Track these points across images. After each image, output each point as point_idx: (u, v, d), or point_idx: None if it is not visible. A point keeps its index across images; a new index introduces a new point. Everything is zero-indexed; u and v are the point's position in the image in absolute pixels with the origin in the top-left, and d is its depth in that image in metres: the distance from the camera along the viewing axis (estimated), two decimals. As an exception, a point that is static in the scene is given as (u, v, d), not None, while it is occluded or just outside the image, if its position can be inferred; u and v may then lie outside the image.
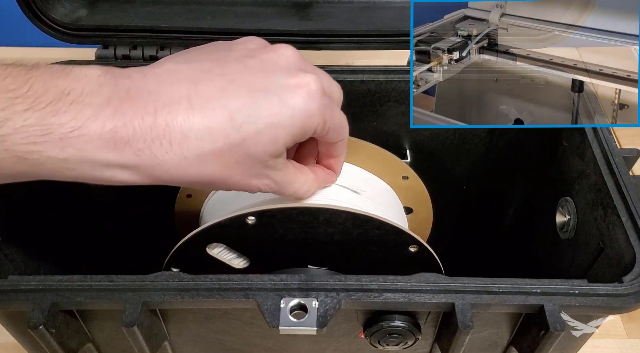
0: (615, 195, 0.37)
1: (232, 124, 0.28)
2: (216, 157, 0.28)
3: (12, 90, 0.25)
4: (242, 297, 0.32)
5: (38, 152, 0.26)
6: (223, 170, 0.29)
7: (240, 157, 0.29)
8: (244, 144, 0.29)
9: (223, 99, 0.29)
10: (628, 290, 0.32)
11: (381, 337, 0.34)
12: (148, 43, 0.49)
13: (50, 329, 0.31)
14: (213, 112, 0.28)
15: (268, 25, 0.49)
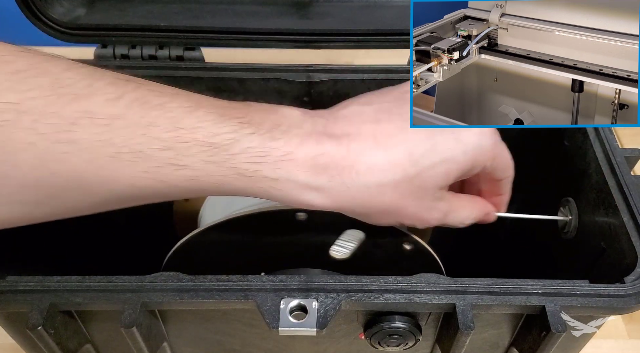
0: (617, 195, 0.37)
1: (410, 159, 0.31)
2: (394, 188, 0.31)
3: (239, 117, 0.29)
4: (242, 298, 0.32)
5: (256, 171, 0.29)
6: (399, 200, 0.32)
7: (415, 189, 0.32)
8: (419, 176, 0.31)
9: (403, 136, 0.31)
10: (629, 291, 0.32)
11: (381, 338, 0.34)
12: (147, 42, 0.49)
13: (48, 330, 0.31)
14: (394, 148, 0.31)
15: (268, 24, 0.49)
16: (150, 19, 0.49)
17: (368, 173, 0.31)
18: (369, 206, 0.32)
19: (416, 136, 0.32)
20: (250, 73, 0.48)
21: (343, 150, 0.31)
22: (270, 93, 0.48)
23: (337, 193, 0.31)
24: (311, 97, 0.48)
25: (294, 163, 0.30)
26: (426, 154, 0.31)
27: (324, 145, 0.30)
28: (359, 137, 0.31)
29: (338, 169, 0.30)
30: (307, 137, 0.30)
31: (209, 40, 0.49)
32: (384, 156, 0.31)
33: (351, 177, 0.31)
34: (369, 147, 0.31)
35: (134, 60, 0.49)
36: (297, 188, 0.30)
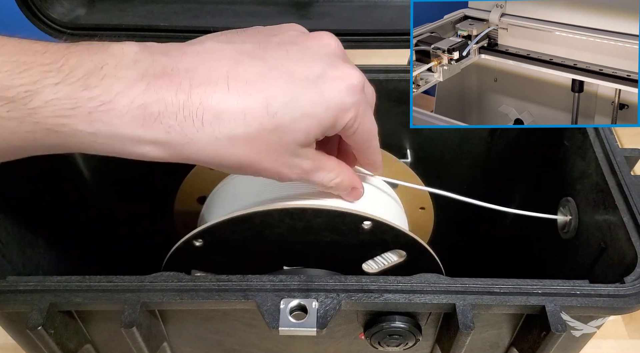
0: (617, 195, 0.37)
1: (267, 110, 0.28)
2: (247, 141, 0.28)
3: (47, 64, 0.26)
4: (242, 298, 0.32)
5: (67, 125, 0.26)
6: (253, 155, 0.29)
7: (272, 144, 0.29)
8: (277, 131, 0.29)
9: (262, 84, 0.28)
10: (629, 291, 0.32)
11: (381, 338, 0.34)
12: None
13: (49, 330, 0.31)
14: (250, 96, 0.28)
15: (268, 24, 0.49)
16: (150, 19, 0.49)
17: (216, 122, 0.27)
18: (219, 159, 0.29)
19: (277, 86, 0.28)
20: (250, 73, 0.48)
21: (183, 95, 0.27)
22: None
23: (178, 146, 0.28)
24: (311, 97, 0.48)
25: (114, 113, 0.26)
26: (286, 106, 0.28)
27: (158, 91, 0.27)
28: (207, 79, 0.28)
29: (177, 119, 0.27)
30: (136, 82, 0.27)
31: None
32: (236, 104, 0.28)
33: (195, 127, 0.27)
34: (218, 92, 0.27)
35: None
36: (125, 142, 0.27)
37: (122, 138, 0.27)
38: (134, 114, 0.26)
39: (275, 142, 0.29)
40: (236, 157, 0.29)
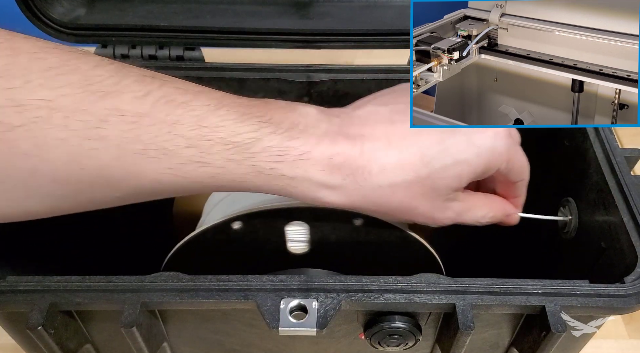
0: (617, 195, 0.37)
1: (422, 160, 0.32)
2: (405, 188, 0.32)
3: (260, 116, 0.30)
4: (242, 298, 0.32)
5: (275, 169, 0.30)
6: (410, 200, 0.32)
7: (426, 190, 0.32)
8: (431, 177, 0.32)
9: (416, 137, 0.32)
10: (630, 291, 0.32)
11: (382, 338, 0.34)
12: (147, 42, 0.49)
13: (49, 330, 0.31)
14: (407, 148, 0.32)
15: (268, 24, 0.49)
16: (150, 19, 0.49)
17: (380, 173, 0.31)
18: (381, 205, 0.32)
19: (429, 138, 0.32)
20: (250, 73, 0.48)
21: (357, 150, 0.31)
22: (270, 93, 0.48)
23: (350, 192, 0.31)
24: (311, 97, 0.48)
25: (311, 162, 0.30)
26: (438, 155, 0.32)
27: (339, 145, 0.31)
28: (372, 137, 0.32)
29: (352, 169, 0.31)
30: (323, 137, 0.31)
31: (209, 40, 0.49)
32: (396, 157, 0.31)
33: (364, 176, 0.31)
34: (382, 148, 0.31)
35: (134, 60, 0.49)
36: (313, 186, 0.31)
37: (312, 183, 0.31)
38: (324, 163, 0.31)
39: (429, 188, 0.32)
40: (395, 203, 0.32)
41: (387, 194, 0.32)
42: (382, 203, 0.32)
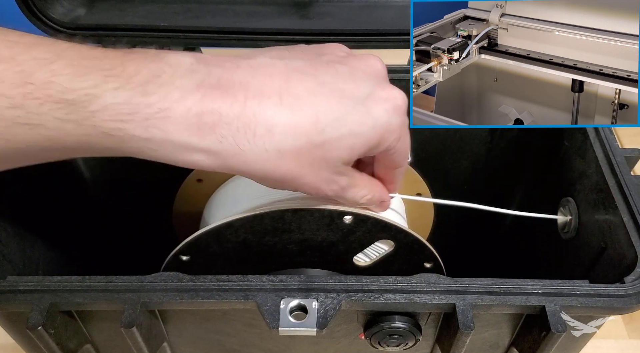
0: (617, 195, 0.37)
1: (316, 126, 0.29)
2: (295, 155, 0.29)
3: (107, 69, 0.26)
4: (242, 298, 0.32)
5: (123, 129, 0.26)
6: (298, 168, 0.29)
7: (316, 159, 0.29)
8: (323, 146, 0.29)
9: (312, 99, 0.29)
10: (629, 291, 0.32)
11: (381, 338, 0.34)
12: (146, 42, 0.49)
13: (49, 330, 0.31)
14: (301, 110, 0.28)
15: (268, 24, 0.49)
16: (150, 19, 0.49)
17: (266, 135, 0.28)
18: (265, 172, 0.29)
19: (326, 103, 0.29)
20: (250, 73, 0.48)
21: (238, 107, 0.27)
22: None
23: (229, 156, 0.28)
24: (311, 97, 0.48)
25: (170, 121, 0.27)
26: (334, 123, 0.29)
27: (214, 101, 0.27)
28: (261, 93, 0.28)
29: (230, 129, 0.27)
30: (192, 91, 0.27)
31: (209, 40, 0.49)
32: (287, 118, 0.28)
33: (246, 138, 0.28)
34: (271, 105, 0.28)
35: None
36: (178, 149, 0.27)
37: (176, 145, 0.27)
38: (189, 122, 0.27)
39: (320, 157, 0.29)
40: (282, 171, 0.29)
41: (274, 160, 0.28)
42: (266, 171, 0.29)
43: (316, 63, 0.31)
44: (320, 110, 0.29)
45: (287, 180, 0.30)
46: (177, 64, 0.28)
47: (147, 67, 0.27)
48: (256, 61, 0.30)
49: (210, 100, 0.27)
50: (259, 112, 0.28)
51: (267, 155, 0.28)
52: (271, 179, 0.30)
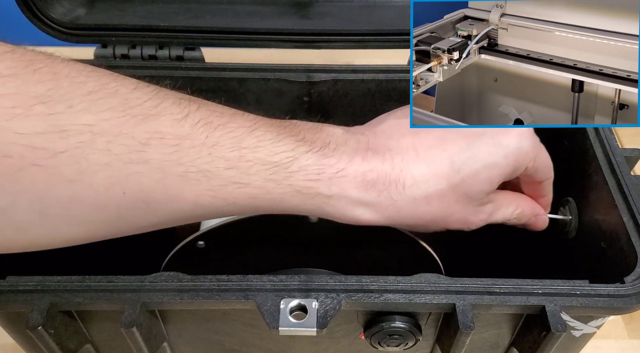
0: (617, 195, 0.37)
1: (452, 167, 0.32)
2: (439, 198, 0.32)
3: (294, 135, 0.30)
4: (242, 298, 0.32)
5: (312, 188, 0.30)
6: (445, 209, 0.32)
7: (460, 196, 0.32)
8: (463, 184, 0.32)
9: (443, 146, 0.32)
10: (630, 291, 0.32)
11: (382, 338, 0.34)
12: (147, 42, 0.49)
13: (49, 330, 0.31)
14: (436, 157, 0.32)
15: (268, 24, 0.49)
16: (150, 19, 0.49)
17: (414, 185, 0.31)
18: (417, 217, 0.32)
19: (455, 144, 0.32)
20: (250, 73, 0.48)
21: (388, 164, 0.31)
22: (270, 93, 0.48)
23: (385, 208, 0.31)
24: (311, 97, 0.48)
25: (347, 179, 0.31)
26: (467, 161, 0.32)
27: (371, 161, 0.31)
28: (400, 150, 0.32)
29: (385, 184, 0.31)
30: (354, 154, 0.31)
31: (209, 40, 0.49)
32: (426, 168, 0.32)
33: (398, 190, 0.31)
34: (411, 160, 0.32)
35: (134, 60, 0.49)
36: (349, 204, 0.31)
37: (348, 200, 0.31)
38: (358, 180, 0.31)
39: (462, 194, 0.32)
40: (431, 213, 0.32)
41: (423, 205, 0.32)
42: (418, 216, 0.32)
43: None
44: (452, 152, 0.32)
45: (437, 221, 0.33)
46: (334, 134, 0.32)
47: (317, 136, 0.31)
48: (386, 125, 0.34)
49: (368, 161, 0.31)
50: (404, 166, 0.31)
51: (416, 202, 0.32)
52: (423, 223, 0.33)
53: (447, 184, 0.32)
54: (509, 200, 0.36)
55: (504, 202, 0.35)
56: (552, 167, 0.36)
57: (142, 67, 0.48)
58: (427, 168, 0.32)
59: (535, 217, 0.38)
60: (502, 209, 0.35)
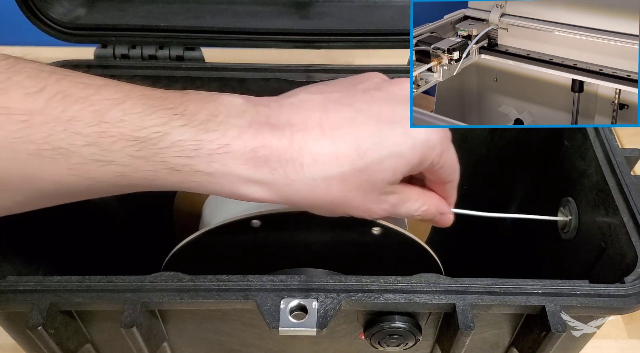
0: (617, 195, 0.37)
1: (357, 151, 0.30)
2: (340, 181, 0.30)
3: (171, 108, 0.28)
4: (242, 298, 0.32)
5: (189, 165, 0.28)
6: (345, 193, 0.31)
7: (362, 183, 0.31)
8: (367, 170, 0.30)
9: (351, 127, 0.31)
10: (629, 291, 0.32)
11: (381, 338, 0.34)
12: (147, 42, 0.49)
13: (49, 330, 0.31)
14: (341, 138, 0.30)
15: (268, 24, 0.49)
16: (150, 19, 0.49)
17: (313, 165, 0.30)
18: (315, 199, 0.31)
19: (364, 129, 0.31)
20: (250, 73, 0.48)
21: (286, 141, 0.29)
22: (270, 93, 0.48)
23: (280, 187, 0.30)
24: (311, 97, 0.48)
25: (230, 156, 0.29)
26: (374, 147, 0.30)
27: (265, 137, 0.29)
28: (304, 127, 0.30)
29: (280, 162, 0.29)
30: (246, 128, 0.29)
31: (209, 40, 0.49)
32: (330, 147, 0.30)
33: (295, 169, 0.30)
34: (314, 138, 0.30)
35: (134, 60, 0.49)
36: (236, 182, 0.29)
37: (234, 178, 0.29)
38: (246, 156, 0.29)
39: (365, 181, 0.31)
40: (330, 197, 0.31)
41: (321, 188, 0.30)
42: (316, 198, 0.31)
43: (352, 92, 0.33)
44: (359, 136, 0.30)
45: (337, 205, 0.31)
46: (229, 104, 0.30)
47: (204, 107, 0.29)
48: (297, 98, 0.32)
49: (262, 136, 0.29)
50: (304, 144, 0.30)
51: (314, 183, 0.30)
52: (322, 206, 0.31)
53: (350, 168, 0.30)
54: (416, 196, 0.35)
55: (410, 197, 0.34)
56: (458, 169, 0.35)
57: (142, 67, 0.48)
58: (330, 148, 0.30)
59: (440, 215, 0.37)
60: (407, 204, 0.34)
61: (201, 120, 0.28)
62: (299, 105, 0.31)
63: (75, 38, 0.49)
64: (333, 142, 0.30)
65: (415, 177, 0.36)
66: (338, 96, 0.32)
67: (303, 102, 0.32)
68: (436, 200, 0.36)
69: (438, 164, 0.33)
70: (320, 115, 0.31)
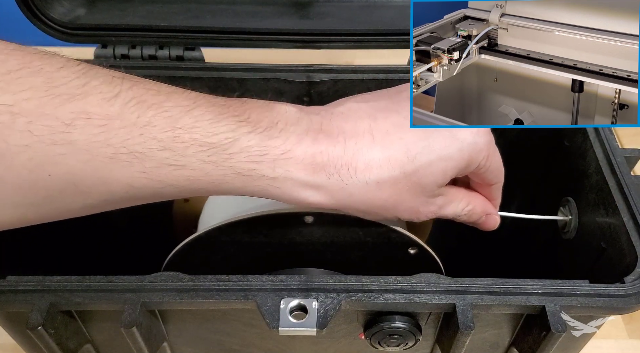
0: (617, 196, 0.37)
1: (407, 155, 0.31)
2: (392, 184, 0.31)
3: (236, 115, 0.29)
4: (242, 298, 0.32)
5: (255, 169, 0.29)
6: (396, 196, 0.32)
7: (412, 186, 0.32)
8: (417, 173, 0.31)
9: (399, 133, 0.32)
10: (629, 291, 0.32)
11: (381, 338, 0.34)
12: (147, 42, 0.49)
13: (49, 330, 0.31)
14: (391, 143, 0.31)
15: (268, 24, 0.49)
16: (150, 19, 0.49)
17: (366, 170, 0.31)
18: (367, 203, 0.32)
19: (413, 133, 0.32)
20: (250, 73, 0.48)
21: (340, 147, 0.31)
22: (270, 93, 0.48)
23: (335, 191, 0.31)
24: (311, 97, 0.48)
25: (293, 161, 0.30)
26: (423, 151, 0.31)
27: (322, 143, 0.30)
28: (355, 133, 0.31)
29: (336, 167, 0.30)
30: (304, 135, 0.30)
31: (209, 40, 0.49)
32: (381, 153, 0.31)
33: (349, 174, 0.31)
34: (366, 144, 0.31)
35: (134, 60, 0.49)
36: (296, 186, 0.30)
37: (295, 183, 0.30)
38: (306, 162, 0.30)
39: (415, 184, 0.32)
40: (381, 201, 0.32)
41: (374, 191, 0.31)
42: (369, 201, 0.32)
43: (397, 99, 0.33)
44: (409, 140, 0.31)
45: (388, 208, 0.32)
46: (285, 113, 0.31)
47: (265, 115, 0.30)
48: (345, 107, 0.33)
49: (319, 143, 0.30)
50: (357, 150, 0.31)
51: (367, 187, 0.31)
52: (374, 209, 0.32)
53: (401, 172, 0.31)
54: (461, 196, 0.36)
55: (455, 197, 0.35)
56: (503, 172, 0.36)
57: (142, 67, 0.48)
58: (382, 153, 0.31)
59: (487, 216, 0.38)
60: (453, 204, 0.35)
61: (264, 127, 0.29)
62: (348, 113, 0.33)
63: (75, 38, 0.49)
64: (384, 148, 0.31)
65: (459, 180, 0.37)
66: (384, 104, 0.33)
67: (352, 111, 0.33)
68: (481, 200, 0.37)
69: (484, 167, 0.34)
70: (369, 122, 0.32)
